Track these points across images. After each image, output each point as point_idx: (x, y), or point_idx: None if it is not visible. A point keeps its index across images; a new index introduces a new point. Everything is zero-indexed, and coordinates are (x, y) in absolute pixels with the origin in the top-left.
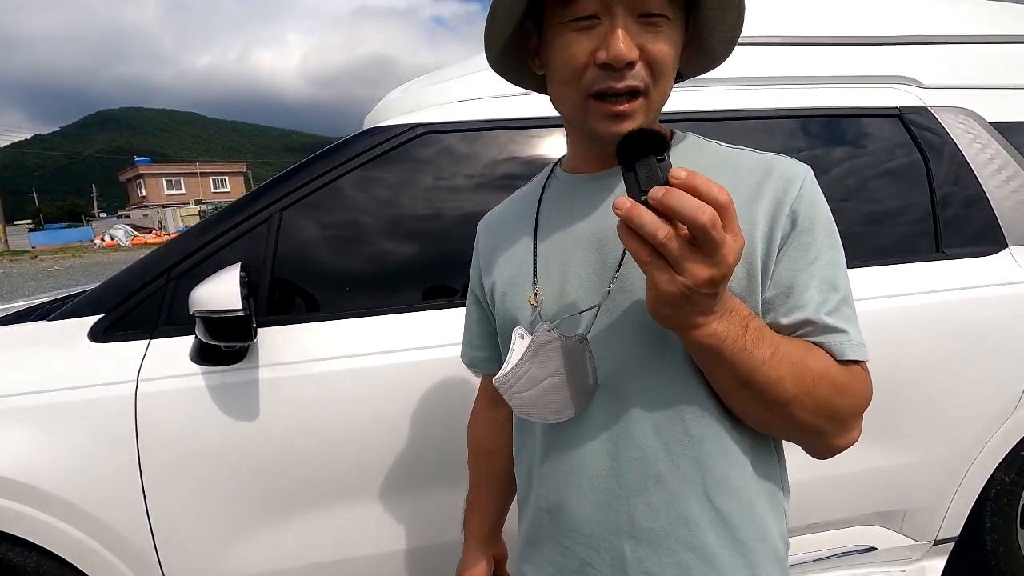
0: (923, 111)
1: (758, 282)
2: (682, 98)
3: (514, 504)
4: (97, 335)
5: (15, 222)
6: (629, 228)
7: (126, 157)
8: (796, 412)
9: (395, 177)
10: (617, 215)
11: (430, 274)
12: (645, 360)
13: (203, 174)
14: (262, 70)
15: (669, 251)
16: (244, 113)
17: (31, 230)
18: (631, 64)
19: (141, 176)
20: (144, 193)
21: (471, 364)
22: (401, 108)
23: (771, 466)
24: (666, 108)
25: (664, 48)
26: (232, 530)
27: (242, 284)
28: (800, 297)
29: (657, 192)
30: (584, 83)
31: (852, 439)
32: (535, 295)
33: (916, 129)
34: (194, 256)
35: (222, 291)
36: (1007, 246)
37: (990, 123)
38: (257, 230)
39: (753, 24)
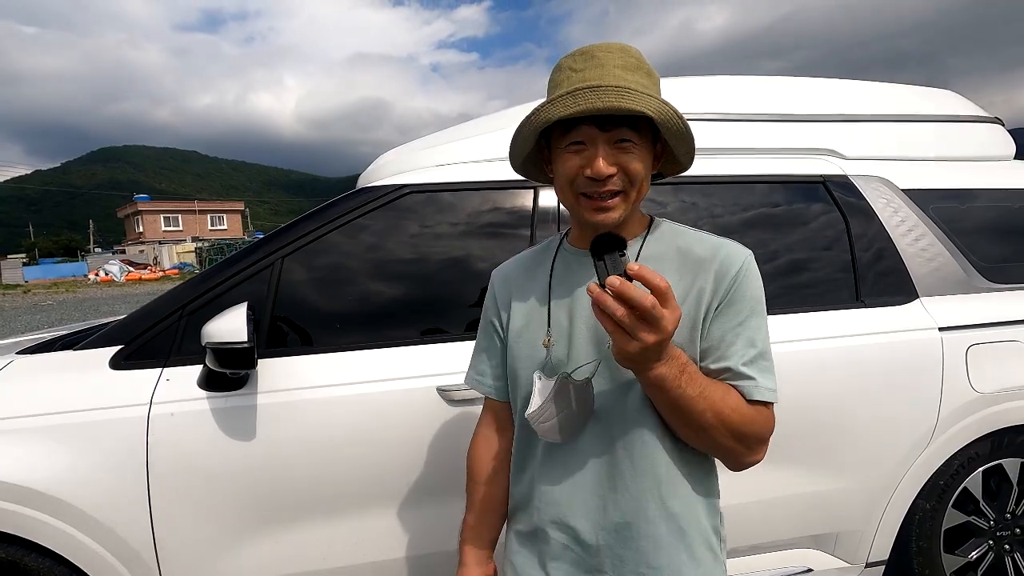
0: (844, 179)
1: (699, 335)
2: None
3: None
4: (117, 363)
5: (9, 256)
6: (599, 307)
7: (126, 194)
8: (714, 435)
9: (384, 229)
10: (590, 296)
11: (412, 313)
12: (625, 398)
13: (201, 211)
14: (261, 112)
15: (626, 325)
16: (243, 152)
17: (25, 264)
18: (610, 176)
19: (139, 212)
20: (141, 229)
21: (485, 392)
22: (391, 170)
23: (708, 475)
24: None
25: (635, 164)
26: (227, 541)
27: (248, 320)
28: (726, 350)
29: (614, 282)
30: (576, 187)
31: (758, 459)
32: (549, 339)
33: (838, 194)
34: (204, 296)
35: (231, 326)
36: (918, 297)
37: (902, 190)
38: (260, 274)
39: (702, 103)
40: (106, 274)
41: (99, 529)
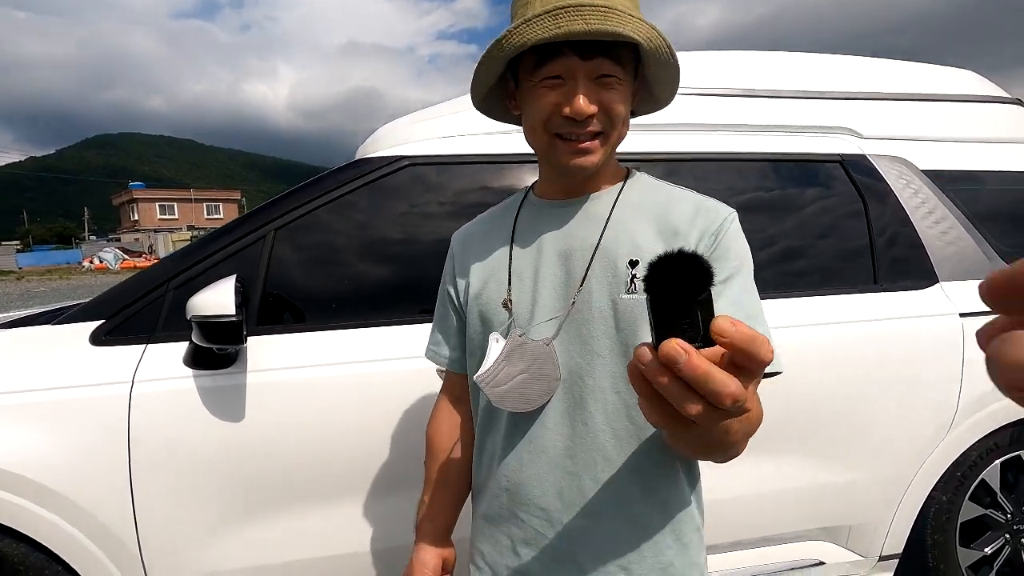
0: (862, 158)
1: None
2: (664, 140)
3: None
4: (98, 339)
5: (3, 242)
6: (641, 374)
7: (121, 182)
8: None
9: (381, 203)
10: (639, 362)
11: (408, 291)
12: (599, 362)
13: (197, 200)
14: (258, 101)
15: (695, 418)
16: (240, 141)
17: (19, 251)
18: (591, 116)
19: (135, 200)
20: (137, 217)
21: (442, 363)
22: (390, 141)
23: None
24: (649, 148)
25: (618, 104)
26: (212, 526)
27: (236, 293)
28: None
29: (678, 356)
30: (551, 126)
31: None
32: (509, 300)
33: (855, 174)
34: (191, 269)
35: (218, 298)
36: (939, 281)
37: (922, 171)
38: (251, 247)
39: (717, 79)
40: (100, 261)
41: (78, 514)
